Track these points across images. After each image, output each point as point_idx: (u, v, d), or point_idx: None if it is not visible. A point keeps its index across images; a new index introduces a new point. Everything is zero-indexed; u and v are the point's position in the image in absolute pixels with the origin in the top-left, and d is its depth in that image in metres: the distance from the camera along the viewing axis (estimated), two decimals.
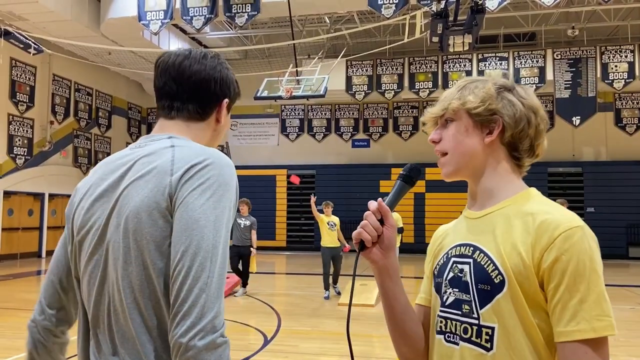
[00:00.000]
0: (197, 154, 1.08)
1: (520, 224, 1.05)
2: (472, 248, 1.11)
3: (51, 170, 15.98)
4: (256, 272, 9.24)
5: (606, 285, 1.00)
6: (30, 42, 10.49)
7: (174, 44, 15.55)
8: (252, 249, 8.86)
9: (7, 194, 14.33)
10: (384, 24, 13.77)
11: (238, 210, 8.35)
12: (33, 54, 11.09)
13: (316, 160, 18.81)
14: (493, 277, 1.04)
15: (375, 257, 1.14)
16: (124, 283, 1.05)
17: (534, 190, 1.14)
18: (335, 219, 8.81)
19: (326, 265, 8.75)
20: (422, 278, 1.30)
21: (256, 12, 11.98)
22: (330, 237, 8.72)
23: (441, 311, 1.14)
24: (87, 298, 1.14)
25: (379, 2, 11.36)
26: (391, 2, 11.29)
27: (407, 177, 1.18)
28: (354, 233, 1.13)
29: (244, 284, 9.00)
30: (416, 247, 15.30)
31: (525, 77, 15.04)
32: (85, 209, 1.16)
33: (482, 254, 1.08)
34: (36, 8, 11.92)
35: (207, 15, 12.18)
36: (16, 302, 8.26)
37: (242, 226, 8.82)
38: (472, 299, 1.06)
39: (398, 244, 8.66)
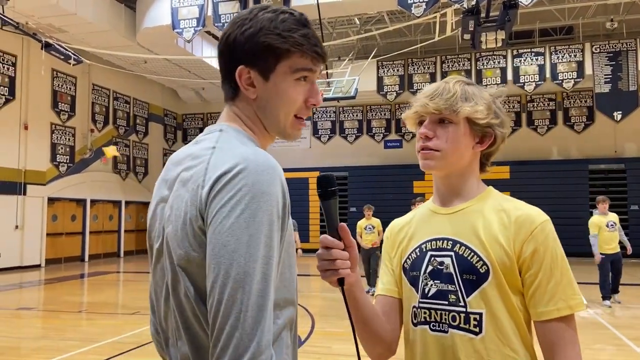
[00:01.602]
0: (231, 158, 0.90)
1: (496, 218, 1.17)
2: (451, 242, 1.19)
3: (92, 177, 16.50)
4: None
5: None
6: (70, 53, 10.85)
7: (207, 51, 15.83)
8: (298, 250, 9.04)
9: (51, 200, 14.87)
10: (415, 23, 13.65)
11: None
12: (73, 65, 11.47)
13: (348, 162, 18.79)
14: (478, 267, 1.14)
15: (350, 280, 1.13)
16: (175, 302, 0.95)
17: (492, 188, 1.27)
18: (375, 222, 9.10)
19: (365, 263, 9.09)
20: None
21: None
22: (367, 239, 9.09)
23: (422, 302, 1.21)
24: (157, 306, 1.04)
25: (409, 2, 11.26)
26: (421, 0, 11.18)
27: (322, 195, 1.09)
28: (326, 275, 1.09)
29: None
30: None
31: (562, 72, 14.63)
32: (152, 211, 1.05)
33: (463, 247, 1.17)
34: (75, 20, 12.36)
35: None
36: (60, 305, 8.55)
37: None
38: (458, 289, 1.16)
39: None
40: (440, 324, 1.17)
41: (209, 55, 15.87)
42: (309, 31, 1.01)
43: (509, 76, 15.12)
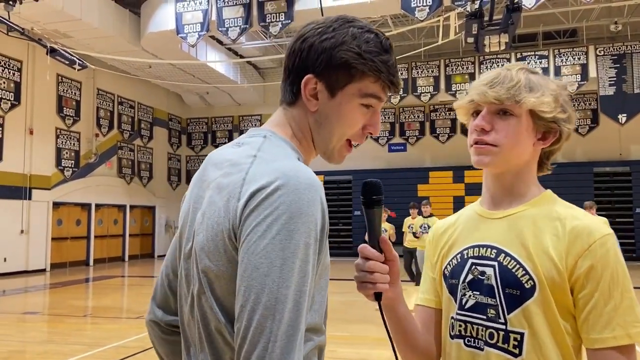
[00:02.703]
0: (270, 172, 0.83)
1: (548, 228, 1.03)
2: (495, 250, 1.07)
3: (97, 181, 16.55)
4: None
5: None
6: (75, 59, 10.91)
7: (211, 55, 15.89)
8: None
9: (56, 204, 14.93)
10: (418, 27, 13.66)
11: None
12: (78, 70, 11.53)
13: (353, 166, 18.78)
14: (523, 282, 1.01)
15: (390, 295, 1.06)
16: (200, 313, 0.90)
17: (549, 191, 1.14)
18: (387, 226, 9.01)
19: None
20: None
21: (290, 21, 12.10)
22: None
23: (459, 314, 1.10)
24: (180, 313, 0.99)
25: (412, 5, 11.28)
26: (425, 4, 11.20)
27: (366, 203, 1.02)
28: (361, 287, 1.02)
29: None
30: None
31: (566, 75, 14.60)
32: (186, 211, 0.99)
33: (508, 257, 1.05)
34: (80, 25, 12.44)
35: (242, 26, 12.39)
36: (65, 309, 8.57)
37: None
38: (499, 303, 1.03)
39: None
40: (476, 340, 1.06)
41: (213, 59, 15.93)
42: (390, 58, 0.96)
43: None
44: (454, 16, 10.73)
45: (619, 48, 14.39)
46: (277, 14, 12.16)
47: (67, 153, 15.40)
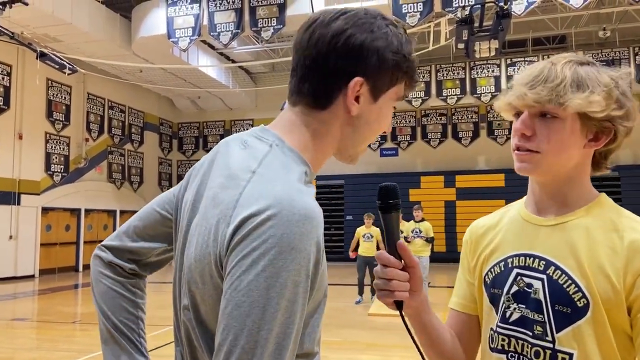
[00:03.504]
0: (264, 197, 0.75)
1: (604, 240, 0.95)
2: (544, 262, 0.98)
3: (87, 186, 16.43)
4: None
5: None
6: (65, 63, 10.85)
7: (203, 60, 15.87)
8: None
9: (45, 210, 14.78)
10: (409, 32, 13.72)
11: None
12: (68, 74, 11.46)
13: (344, 170, 18.80)
14: (575, 299, 0.93)
15: (412, 304, 0.99)
16: (184, 327, 0.87)
17: (604, 196, 1.04)
18: (375, 231, 9.10)
19: (360, 271, 9.07)
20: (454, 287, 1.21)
21: (281, 26, 12.13)
22: (364, 247, 9.11)
23: (501, 327, 1.02)
24: (174, 313, 0.93)
25: (404, 11, 11.35)
26: (416, 10, 11.27)
27: (383, 208, 0.97)
28: (380, 295, 0.96)
29: None
30: (448, 256, 15.07)
31: None
32: (190, 201, 0.92)
33: (559, 271, 0.96)
34: (70, 29, 12.37)
35: (233, 31, 12.39)
36: (54, 316, 8.47)
37: None
38: (547, 320, 0.96)
39: (429, 253, 8.63)
40: (521, 356, 0.99)
41: (205, 64, 15.91)
42: (414, 59, 0.91)
43: (503, 85, 15.23)
44: (444, 22, 10.80)
45: (608, 54, 14.57)
46: (269, 19, 12.18)
47: (56, 158, 15.27)
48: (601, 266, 0.92)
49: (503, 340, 1.02)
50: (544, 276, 0.97)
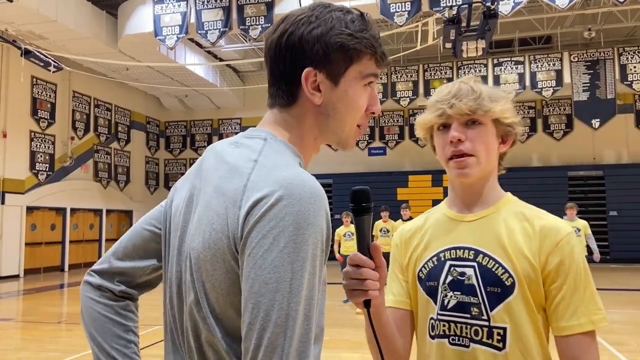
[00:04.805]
0: (272, 181, 0.79)
1: (519, 228, 1.12)
2: (473, 252, 1.14)
3: (72, 185, 16.25)
4: None
5: (630, 289, 1.03)
6: (50, 60, 10.73)
7: (190, 58, 15.77)
8: None
9: (30, 209, 14.60)
10: (397, 32, 13.79)
11: None
12: (53, 72, 11.34)
13: (333, 170, 18.83)
14: (504, 279, 1.09)
15: (376, 302, 1.04)
16: (191, 322, 0.87)
17: (510, 194, 1.22)
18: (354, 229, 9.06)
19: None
20: None
21: (269, 24, 12.09)
22: (346, 246, 9.08)
23: (442, 315, 1.15)
24: (167, 308, 0.95)
25: (392, 11, 11.38)
26: (403, 10, 11.31)
27: (356, 210, 1.00)
28: (352, 295, 1.01)
29: None
30: None
31: (542, 81, 14.89)
32: (185, 199, 0.94)
33: (487, 258, 1.12)
34: (56, 27, 12.21)
35: (221, 29, 12.33)
36: (39, 316, 8.38)
37: None
38: (481, 301, 1.10)
39: None
40: (461, 338, 1.12)
41: (192, 62, 15.81)
42: (376, 32, 0.93)
43: (490, 84, 15.31)
44: (432, 22, 10.85)
45: (593, 54, 14.73)
46: (257, 17, 12.14)
47: (41, 156, 15.09)
48: (521, 249, 1.10)
49: (444, 326, 1.14)
50: (475, 264, 1.12)
